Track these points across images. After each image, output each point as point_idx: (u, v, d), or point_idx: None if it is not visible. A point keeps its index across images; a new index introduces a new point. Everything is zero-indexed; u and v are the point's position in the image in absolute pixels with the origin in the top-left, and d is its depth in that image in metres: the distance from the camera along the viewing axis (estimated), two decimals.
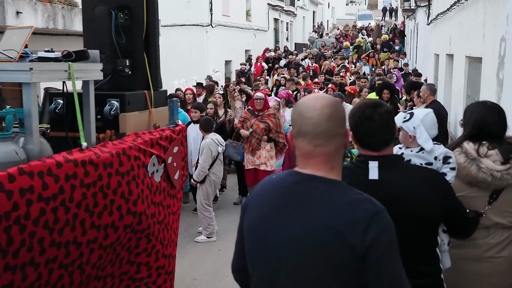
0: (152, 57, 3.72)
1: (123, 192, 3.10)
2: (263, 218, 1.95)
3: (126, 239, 3.23)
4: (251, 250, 2.03)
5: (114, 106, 3.37)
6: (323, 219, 1.81)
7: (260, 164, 8.20)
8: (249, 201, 2.09)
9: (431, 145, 2.86)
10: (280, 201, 1.93)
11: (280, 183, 1.98)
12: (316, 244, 1.80)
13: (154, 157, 3.43)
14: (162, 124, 3.80)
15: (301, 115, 1.90)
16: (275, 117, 8.34)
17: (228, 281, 5.88)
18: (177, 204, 3.82)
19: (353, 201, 1.84)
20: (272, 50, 25.98)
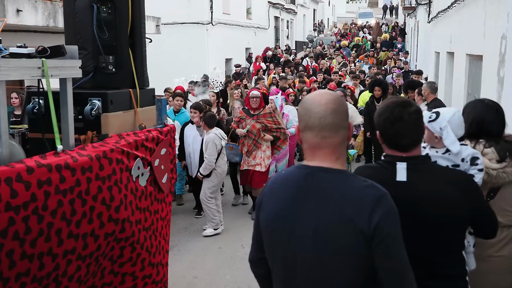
0: (138, 53, 3.47)
1: (104, 198, 2.85)
2: (278, 212, 2.04)
3: (109, 248, 2.99)
4: (269, 244, 2.11)
5: (95, 105, 3.12)
6: (335, 208, 1.91)
7: (256, 165, 7.92)
8: (263, 197, 2.15)
9: (458, 147, 2.75)
10: (293, 194, 2.01)
11: (292, 177, 2.07)
12: (330, 233, 1.90)
13: (139, 160, 3.19)
14: (149, 125, 3.55)
15: (308, 110, 2.02)
16: (271, 116, 8.04)
17: (228, 279, 5.88)
18: (166, 209, 3.57)
19: (360, 188, 1.94)
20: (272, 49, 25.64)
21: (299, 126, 2.09)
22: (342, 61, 21.50)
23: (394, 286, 1.90)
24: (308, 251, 1.95)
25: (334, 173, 1.99)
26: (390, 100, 2.49)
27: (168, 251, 3.61)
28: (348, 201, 1.91)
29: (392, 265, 1.90)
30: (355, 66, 19.88)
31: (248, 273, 6.02)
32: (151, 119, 3.60)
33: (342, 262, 1.90)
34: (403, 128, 2.36)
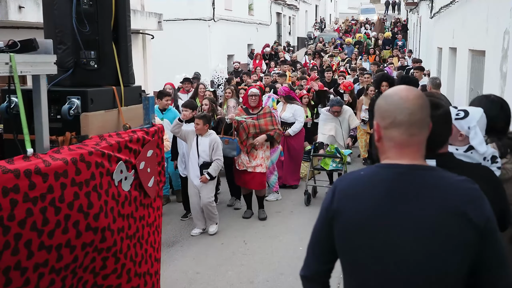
0: (122, 48, 3.17)
1: (81, 205, 2.58)
2: (371, 214, 1.91)
3: (88, 259, 2.71)
4: (358, 249, 1.94)
5: (74, 104, 2.83)
6: (444, 203, 1.84)
7: (256, 166, 7.50)
8: (340, 201, 2.00)
9: (485, 147, 2.70)
10: (386, 194, 1.91)
11: (379, 177, 1.95)
12: (441, 230, 1.83)
13: (122, 163, 2.91)
14: (135, 125, 3.27)
15: (396, 105, 1.92)
16: (271, 116, 7.65)
17: (231, 275, 5.77)
18: (154, 215, 3.29)
19: (460, 182, 1.90)
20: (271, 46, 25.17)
21: (379, 123, 1.98)
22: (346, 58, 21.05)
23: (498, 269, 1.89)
24: (414, 250, 1.86)
25: (428, 171, 1.93)
26: None
27: (158, 259, 3.33)
28: (455, 196, 1.86)
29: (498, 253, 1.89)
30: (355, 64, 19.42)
31: (250, 269, 5.84)
32: (137, 119, 3.31)
33: (452, 258, 1.84)
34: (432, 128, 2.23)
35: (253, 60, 21.35)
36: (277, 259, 6.25)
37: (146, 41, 15.21)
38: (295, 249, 6.51)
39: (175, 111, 8.12)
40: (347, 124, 8.99)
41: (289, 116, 9.05)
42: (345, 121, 8.98)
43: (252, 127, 7.42)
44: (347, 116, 8.99)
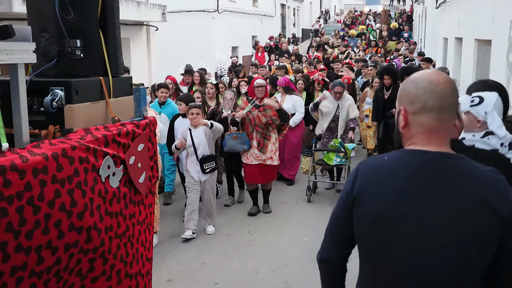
0: (111, 36, 2.95)
1: (63, 203, 2.38)
2: (394, 201, 1.84)
3: (74, 261, 2.51)
4: (382, 236, 1.87)
5: (57, 96, 2.62)
6: (471, 194, 1.78)
7: (267, 159, 7.23)
8: (362, 186, 1.92)
9: (505, 131, 2.63)
10: (412, 181, 1.83)
11: (404, 163, 1.87)
12: (467, 220, 1.77)
13: (109, 157, 2.70)
14: (125, 117, 3.06)
15: (427, 89, 1.84)
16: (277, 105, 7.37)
17: (236, 266, 5.77)
18: (145, 212, 3.09)
19: (487, 173, 1.83)
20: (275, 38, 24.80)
21: (407, 108, 1.89)
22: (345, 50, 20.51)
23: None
24: (438, 241, 1.79)
25: (455, 159, 1.86)
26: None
27: (149, 259, 3.13)
28: (483, 187, 1.79)
29: None
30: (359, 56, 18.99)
31: (255, 259, 5.73)
32: (128, 111, 3.10)
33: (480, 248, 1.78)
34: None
35: (255, 53, 21.00)
36: (282, 249, 6.21)
37: (150, 33, 15.01)
38: (300, 240, 6.48)
39: (174, 106, 7.80)
40: (345, 112, 8.43)
41: (289, 107, 8.74)
42: (344, 108, 8.43)
43: (263, 118, 7.15)
44: (347, 104, 8.49)
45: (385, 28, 27.17)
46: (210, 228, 6.80)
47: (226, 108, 7.87)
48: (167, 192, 8.10)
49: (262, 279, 5.43)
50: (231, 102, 7.87)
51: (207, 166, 6.55)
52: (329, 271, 2.19)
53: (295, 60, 17.38)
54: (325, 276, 2.22)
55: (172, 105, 7.86)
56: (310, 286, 5.24)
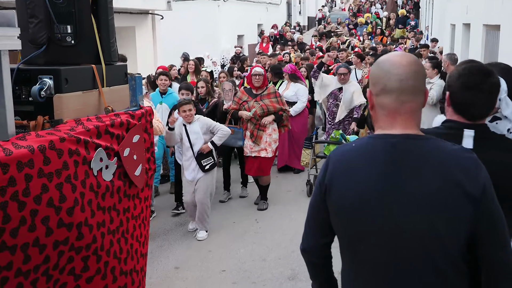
0: (103, 21, 2.77)
1: (51, 198, 2.22)
2: (366, 188, 1.82)
3: (64, 259, 2.36)
4: (353, 223, 1.86)
5: (45, 85, 2.45)
6: (440, 174, 1.76)
7: (260, 150, 6.94)
8: (331, 175, 1.91)
9: None
10: (381, 165, 1.81)
11: (371, 148, 1.86)
12: (436, 200, 1.75)
13: (101, 150, 2.54)
14: (119, 107, 2.89)
15: (387, 72, 1.83)
16: (276, 96, 7.07)
17: (243, 253, 5.76)
18: (141, 206, 2.93)
19: (455, 152, 1.82)
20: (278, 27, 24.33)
21: (371, 90, 1.90)
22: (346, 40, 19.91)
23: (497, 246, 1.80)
24: (412, 222, 1.77)
25: (423, 140, 1.83)
26: (473, 64, 2.30)
27: (144, 254, 2.98)
28: (450, 166, 1.77)
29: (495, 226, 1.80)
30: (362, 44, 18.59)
31: (262, 246, 5.69)
32: (123, 101, 2.93)
33: (451, 226, 1.76)
34: (478, 97, 2.19)
35: (260, 43, 20.61)
36: (288, 237, 6.16)
37: (155, 22, 14.83)
38: None
39: (176, 96, 7.49)
40: (349, 97, 7.91)
41: (291, 95, 8.48)
42: (347, 92, 7.93)
43: (259, 108, 6.88)
44: (351, 89, 8.00)
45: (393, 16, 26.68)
46: (201, 234, 6.22)
47: (227, 99, 7.59)
48: (173, 182, 7.81)
49: (269, 267, 5.42)
50: (231, 93, 7.58)
51: (206, 162, 6.03)
52: (312, 260, 2.18)
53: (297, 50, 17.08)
54: (310, 265, 2.22)
55: (174, 95, 7.58)
56: None
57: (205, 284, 5.14)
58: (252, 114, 6.87)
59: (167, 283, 5.17)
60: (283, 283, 5.10)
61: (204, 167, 5.99)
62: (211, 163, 6.07)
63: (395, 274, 1.81)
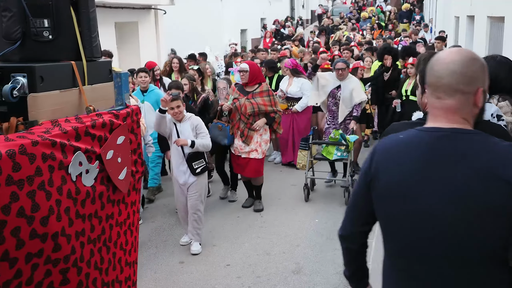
0: (84, 15, 2.53)
1: (22, 208, 2.00)
2: (409, 177, 1.83)
3: (40, 273, 2.14)
4: (396, 212, 1.88)
5: (19, 83, 2.23)
6: (483, 168, 1.74)
7: (251, 151, 6.54)
8: (378, 165, 1.94)
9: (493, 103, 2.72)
10: (426, 158, 1.82)
11: (417, 140, 1.87)
12: (477, 194, 1.73)
13: (80, 153, 2.31)
14: (103, 107, 2.67)
15: (430, 67, 1.87)
16: (269, 94, 6.61)
17: (247, 247, 5.71)
18: (127, 211, 2.71)
19: (503, 147, 1.78)
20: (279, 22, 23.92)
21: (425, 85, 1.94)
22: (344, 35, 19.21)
23: None
24: (454, 214, 1.76)
25: (469, 134, 1.82)
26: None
27: (130, 263, 2.75)
28: (493, 160, 1.75)
29: None
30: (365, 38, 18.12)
31: (267, 240, 5.51)
32: (107, 100, 2.70)
33: (490, 220, 1.73)
34: None
35: (263, 39, 20.18)
36: (293, 231, 6.11)
37: (158, 17, 14.61)
38: (310, 221, 6.38)
39: (158, 93, 7.05)
40: (348, 95, 7.24)
41: (297, 91, 8.18)
42: (346, 89, 7.25)
43: (250, 106, 6.48)
44: (350, 86, 7.28)
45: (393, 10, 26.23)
46: (196, 247, 5.62)
47: (221, 98, 7.16)
48: (151, 187, 7.32)
49: (273, 260, 5.38)
50: (225, 92, 7.14)
51: (197, 165, 5.48)
52: (349, 246, 2.19)
53: (299, 45, 16.71)
54: (346, 251, 2.21)
55: (156, 92, 7.13)
56: (321, 267, 5.19)
57: (210, 279, 5.07)
58: (231, 102, 6.47)
59: (172, 278, 5.10)
60: (287, 277, 5.04)
61: (195, 170, 5.46)
62: (202, 166, 5.53)
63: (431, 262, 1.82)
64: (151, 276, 5.14)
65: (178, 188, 5.62)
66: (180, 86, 6.43)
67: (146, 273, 5.19)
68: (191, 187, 5.51)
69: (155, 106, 6.69)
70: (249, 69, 6.58)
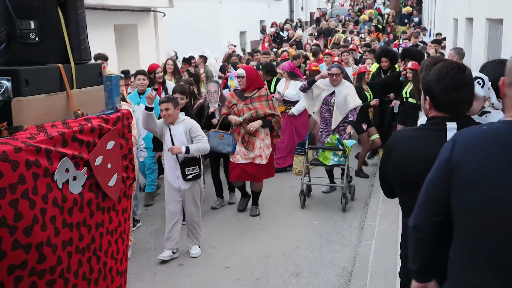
0: (72, 16, 2.43)
1: (4, 217, 1.90)
2: (490, 168, 1.84)
3: (25, 286, 2.03)
4: (482, 203, 1.86)
5: (2, 87, 2.12)
6: None
7: (255, 157, 6.32)
8: (460, 154, 1.94)
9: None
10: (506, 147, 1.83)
11: (499, 131, 1.90)
12: None
13: (67, 159, 2.20)
14: (93, 111, 2.56)
15: (508, 67, 1.91)
16: (267, 99, 6.39)
17: (247, 249, 5.67)
18: (118, 219, 2.60)
19: None
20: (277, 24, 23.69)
21: (504, 80, 1.96)
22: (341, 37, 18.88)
23: None
24: None
25: None
26: (444, 64, 2.32)
27: (121, 272, 2.65)
28: None
29: None
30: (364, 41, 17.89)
31: (266, 243, 5.86)
32: (97, 104, 2.59)
33: None
34: (465, 94, 2.28)
35: (262, 44, 19.89)
36: (292, 233, 6.07)
37: (157, 19, 14.50)
38: (310, 223, 6.33)
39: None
40: (342, 101, 6.94)
41: (294, 94, 7.98)
42: (340, 95, 6.94)
43: (248, 111, 6.29)
44: (344, 92, 6.97)
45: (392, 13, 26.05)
46: (195, 250, 5.54)
47: (212, 102, 6.87)
48: (148, 192, 7.21)
49: (273, 263, 5.35)
50: (216, 95, 6.85)
51: (190, 172, 5.26)
52: (421, 237, 2.12)
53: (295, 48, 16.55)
54: (418, 242, 2.14)
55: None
56: (321, 269, 5.14)
57: (209, 281, 5.04)
58: (243, 120, 6.27)
59: (171, 280, 5.07)
60: (287, 279, 4.99)
61: (187, 176, 5.25)
62: (195, 173, 5.30)
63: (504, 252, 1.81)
64: (150, 279, 5.10)
65: (170, 192, 5.40)
66: (185, 91, 6.23)
67: (146, 275, 5.14)
68: (186, 195, 5.35)
69: None
70: (246, 74, 6.39)
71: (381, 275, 4.81)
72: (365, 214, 6.49)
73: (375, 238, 5.53)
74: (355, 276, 4.90)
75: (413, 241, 2.16)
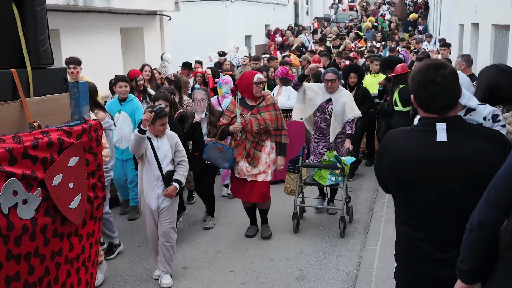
0: (29, 14, 2.05)
1: None
2: None
3: None
4: None
5: None
6: None
7: (258, 174, 5.49)
8: None
9: (476, 100, 2.66)
10: None
11: None
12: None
13: (14, 180, 1.83)
14: (55, 122, 2.18)
15: None
16: (275, 109, 5.53)
17: (251, 253, 5.47)
18: (81, 245, 2.21)
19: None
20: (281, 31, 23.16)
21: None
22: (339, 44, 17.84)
23: None
24: None
25: None
26: (424, 62, 2.27)
27: None
28: None
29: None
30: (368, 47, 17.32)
31: (270, 247, 5.59)
32: (60, 114, 2.21)
33: None
34: (436, 90, 2.18)
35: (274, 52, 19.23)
36: (297, 237, 5.83)
37: (163, 23, 14.19)
38: (315, 228, 6.09)
39: (137, 103, 6.24)
40: (340, 109, 6.02)
41: (285, 100, 7.30)
42: (338, 103, 6.01)
43: (256, 123, 5.40)
44: (342, 100, 6.02)
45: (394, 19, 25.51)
46: (166, 280, 4.68)
47: (198, 111, 6.06)
48: (133, 206, 6.48)
49: (277, 267, 5.12)
50: (203, 104, 6.03)
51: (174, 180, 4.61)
52: (483, 236, 1.95)
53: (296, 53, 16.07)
54: (479, 241, 1.96)
55: (135, 102, 6.31)
56: (325, 273, 4.95)
57: (213, 285, 4.83)
58: (241, 122, 5.43)
59: (175, 283, 4.84)
60: (291, 283, 4.80)
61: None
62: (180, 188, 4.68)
63: None
64: (155, 282, 4.86)
65: (150, 216, 4.70)
66: (169, 98, 5.57)
67: (150, 279, 4.90)
68: (163, 213, 4.66)
69: (131, 116, 6.07)
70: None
71: (385, 281, 4.62)
72: (369, 219, 6.27)
73: (380, 243, 5.35)
74: (359, 281, 4.72)
75: (473, 240, 1.97)
